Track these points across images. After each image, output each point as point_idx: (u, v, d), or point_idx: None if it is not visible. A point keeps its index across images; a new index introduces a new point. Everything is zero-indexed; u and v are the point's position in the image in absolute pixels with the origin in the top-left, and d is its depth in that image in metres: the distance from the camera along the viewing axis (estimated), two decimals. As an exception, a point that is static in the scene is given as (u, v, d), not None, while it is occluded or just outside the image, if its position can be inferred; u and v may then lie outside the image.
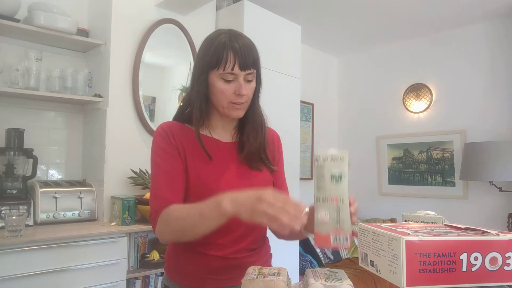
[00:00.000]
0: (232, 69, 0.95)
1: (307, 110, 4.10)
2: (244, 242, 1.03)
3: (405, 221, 0.95)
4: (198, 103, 1.00)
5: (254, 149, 1.05)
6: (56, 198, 2.06)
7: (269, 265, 1.13)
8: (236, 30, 1.01)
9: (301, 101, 3.15)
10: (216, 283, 1.00)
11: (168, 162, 0.99)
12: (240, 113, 1.02)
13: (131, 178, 2.30)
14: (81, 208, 2.14)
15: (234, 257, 1.01)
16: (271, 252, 1.17)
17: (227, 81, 0.97)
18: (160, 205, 0.94)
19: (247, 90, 0.99)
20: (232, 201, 0.80)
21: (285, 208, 0.75)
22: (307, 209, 0.86)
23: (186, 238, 0.95)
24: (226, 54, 0.95)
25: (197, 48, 1.08)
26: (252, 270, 0.80)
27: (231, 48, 0.95)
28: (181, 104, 1.09)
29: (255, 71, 1.00)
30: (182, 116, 1.07)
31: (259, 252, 1.08)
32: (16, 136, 2.07)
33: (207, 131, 1.05)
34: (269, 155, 1.09)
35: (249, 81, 0.99)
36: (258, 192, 0.77)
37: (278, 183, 1.14)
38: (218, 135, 1.06)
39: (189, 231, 0.89)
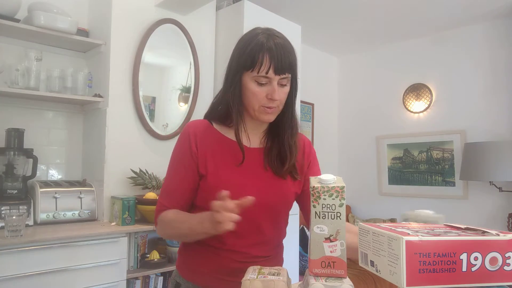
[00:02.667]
0: (267, 73, 0.92)
1: (307, 110, 4.10)
2: (259, 250, 1.02)
3: (404, 220, 0.94)
4: (235, 105, 0.97)
5: (294, 160, 1.02)
6: (56, 198, 2.06)
7: None
8: (275, 30, 0.97)
9: (301, 101, 3.16)
10: (232, 285, 0.97)
11: (180, 170, 1.01)
12: (271, 118, 0.99)
13: (131, 178, 2.30)
14: (81, 208, 2.14)
15: (250, 261, 0.98)
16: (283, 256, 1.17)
17: (260, 84, 0.94)
18: (159, 208, 1.02)
19: (280, 94, 0.95)
20: (202, 225, 0.87)
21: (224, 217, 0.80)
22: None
23: (179, 239, 1.04)
24: (261, 56, 0.92)
25: (197, 48, 1.09)
26: (252, 270, 0.80)
27: (268, 50, 0.92)
28: (214, 101, 1.06)
29: (290, 75, 0.96)
30: (214, 113, 1.05)
31: (273, 259, 1.07)
32: (16, 136, 2.07)
33: (233, 133, 1.01)
34: (297, 164, 1.05)
35: (283, 85, 0.96)
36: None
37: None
38: (247, 139, 1.03)
39: (180, 236, 1.02)
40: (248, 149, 1.02)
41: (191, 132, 1.01)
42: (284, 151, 1.02)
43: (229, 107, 0.99)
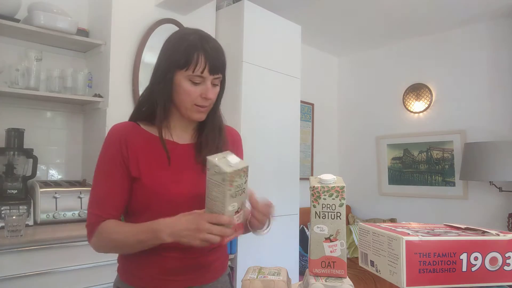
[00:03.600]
0: (202, 72, 0.93)
1: (307, 110, 4.10)
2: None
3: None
4: (162, 102, 0.97)
5: (213, 152, 1.02)
6: (56, 198, 2.06)
7: (226, 265, 1.12)
8: (204, 31, 0.99)
9: (301, 101, 3.15)
10: (174, 285, 0.98)
11: (111, 175, 0.97)
12: (203, 116, 1.00)
13: (131, 178, 2.29)
14: (81, 208, 2.14)
15: (191, 257, 0.98)
16: (228, 253, 1.16)
17: (194, 83, 0.95)
18: (96, 220, 0.97)
19: (213, 94, 0.97)
20: (171, 234, 0.85)
21: (221, 231, 0.82)
22: (248, 205, 0.91)
23: (121, 252, 1.03)
24: (197, 56, 0.92)
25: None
26: (252, 270, 0.80)
27: (203, 51, 0.93)
28: (139, 100, 1.05)
29: (221, 75, 0.99)
30: (139, 114, 1.04)
31: (216, 252, 1.06)
32: (16, 136, 2.07)
33: (165, 132, 1.01)
34: None
35: (215, 85, 0.98)
36: (194, 221, 0.83)
37: None
38: (177, 137, 1.03)
39: (125, 249, 0.98)
40: (178, 145, 1.02)
41: (118, 135, 0.98)
42: (213, 147, 1.03)
43: (156, 105, 0.98)
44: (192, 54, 0.92)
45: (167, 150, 0.99)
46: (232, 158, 0.82)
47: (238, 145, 1.16)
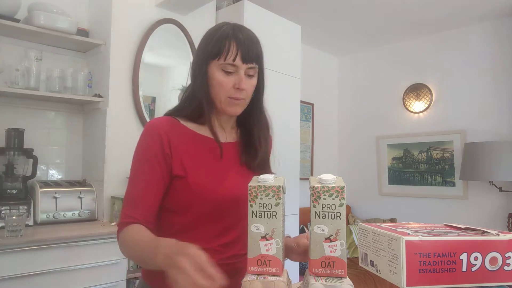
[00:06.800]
0: (234, 60, 0.89)
1: (307, 110, 4.10)
2: (235, 248, 0.97)
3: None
4: (204, 98, 0.93)
5: (265, 153, 0.99)
6: (56, 198, 2.06)
7: None
8: (239, 24, 0.96)
9: (301, 101, 3.15)
10: None
11: (148, 173, 0.90)
12: (238, 110, 0.95)
13: (131, 178, 2.29)
14: (81, 208, 2.14)
15: (226, 263, 0.91)
16: None
17: (227, 73, 0.90)
18: (125, 220, 0.87)
19: (247, 85, 0.92)
20: (165, 258, 0.68)
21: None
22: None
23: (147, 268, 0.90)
24: (228, 44, 0.89)
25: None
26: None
27: (234, 38, 0.90)
28: (182, 97, 1.01)
29: (257, 66, 0.94)
30: (180, 111, 0.98)
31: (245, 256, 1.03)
32: (16, 136, 2.07)
33: (204, 129, 0.96)
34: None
35: (250, 76, 0.93)
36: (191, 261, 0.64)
37: None
38: (220, 134, 0.99)
39: (144, 265, 0.85)
40: (222, 144, 0.97)
41: (160, 132, 0.92)
42: (254, 145, 0.98)
43: (197, 101, 0.94)
44: (224, 42, 0.89)
45: (221, 148, 0.94)
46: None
47: (271, 148, 1.10)
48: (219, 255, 0.91)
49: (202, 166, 0.93)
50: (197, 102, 0.94)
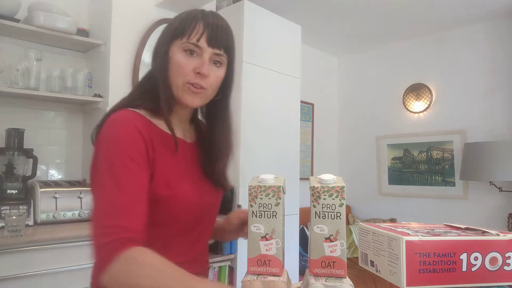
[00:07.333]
0: (198, 40, 0.78)
1: (307, 110, 4.10)
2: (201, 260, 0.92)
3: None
4: (161, 79, 0.80)
5: (227, 159, 0.88)
6: (56, 198, 2.06)
7: None
8: (216, 12, 0.86)
9: (301, 101, 3.15)
10: None
11: (136, 178, 0.73)
12: (196, 100, 0.81)
13: (131, 178, 2.29)
14: (81, 208, 2.14)
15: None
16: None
17: (189, 56, 0.79)
18: (121, 236, 0.67)
19: (211, 73, 0.80)
20: None
21: None
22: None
23: None
24: (194, 23, 0.79)
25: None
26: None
27: (203, 20, 0.79)
28: (138, 83, 0.88)
29: (226, 56, 0.82)
30: (135, 100, 0.84)
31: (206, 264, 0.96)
32: (16, 136, 2.07)
33: (162, 122, 0.83)
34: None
35: (216, 65, 0.81)
36: None
37: None
38: (180, 131, 0.87)
39: None
40: (186, 144, 0.87)
41: (141, 130, 0.77)
42: (215, 149, 0.87)
43: (154, 86, 0.82)
44: (189, 22, 0.80)
45: (176, 144, 0.82)
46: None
47: None
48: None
49: (174, 171, 0.82)
50: (154, 88, 0.82)
